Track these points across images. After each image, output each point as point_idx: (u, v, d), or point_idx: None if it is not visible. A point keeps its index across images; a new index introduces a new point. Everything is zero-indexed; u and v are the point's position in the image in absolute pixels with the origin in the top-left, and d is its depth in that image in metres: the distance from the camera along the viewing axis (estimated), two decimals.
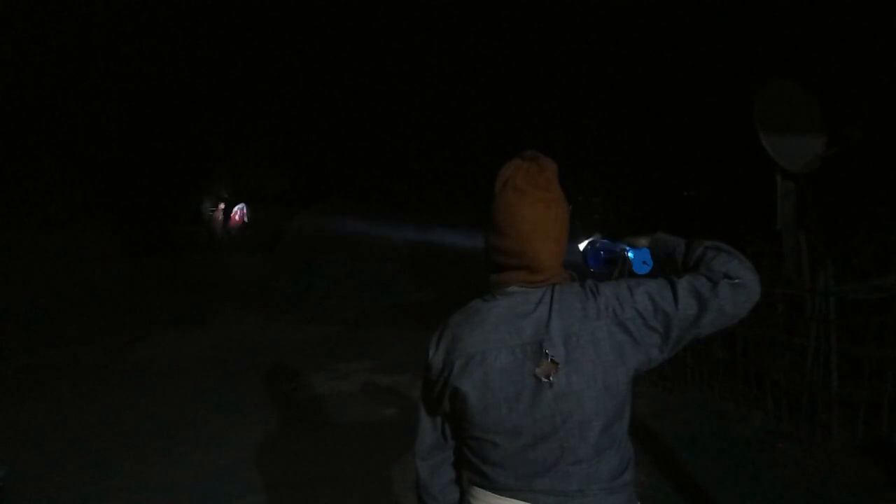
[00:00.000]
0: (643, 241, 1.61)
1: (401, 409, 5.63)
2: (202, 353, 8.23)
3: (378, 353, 7.79)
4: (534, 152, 1.43)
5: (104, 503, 4.04)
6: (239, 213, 20.45)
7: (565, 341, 1.29)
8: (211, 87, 15.62)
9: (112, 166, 14.79)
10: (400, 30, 13.70)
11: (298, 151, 17.76)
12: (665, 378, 5.48)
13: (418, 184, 15.62)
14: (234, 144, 17.15)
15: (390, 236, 14.75)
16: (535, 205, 1.35)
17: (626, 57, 8.48)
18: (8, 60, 11.83)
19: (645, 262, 1.59)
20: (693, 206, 8.15)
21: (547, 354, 1.29)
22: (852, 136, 4.93)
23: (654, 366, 1.34)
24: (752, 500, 3.71)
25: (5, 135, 12.14)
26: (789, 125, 5.08)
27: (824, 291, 4.35)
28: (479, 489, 1.41)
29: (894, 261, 4.95)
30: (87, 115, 13.72)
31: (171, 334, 9.44)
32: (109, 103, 14.15)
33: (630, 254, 1.61)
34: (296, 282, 14.12)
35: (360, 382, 6.57)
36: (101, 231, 13.66)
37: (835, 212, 5.65)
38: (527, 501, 1.33)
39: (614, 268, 1.76)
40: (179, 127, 15.58)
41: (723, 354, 5.11)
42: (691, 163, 7.88)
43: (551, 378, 1.28)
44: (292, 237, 15.87)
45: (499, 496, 1.36)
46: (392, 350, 7.97)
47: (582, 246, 1.76)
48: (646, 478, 3.99)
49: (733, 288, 1.27)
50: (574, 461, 1.30)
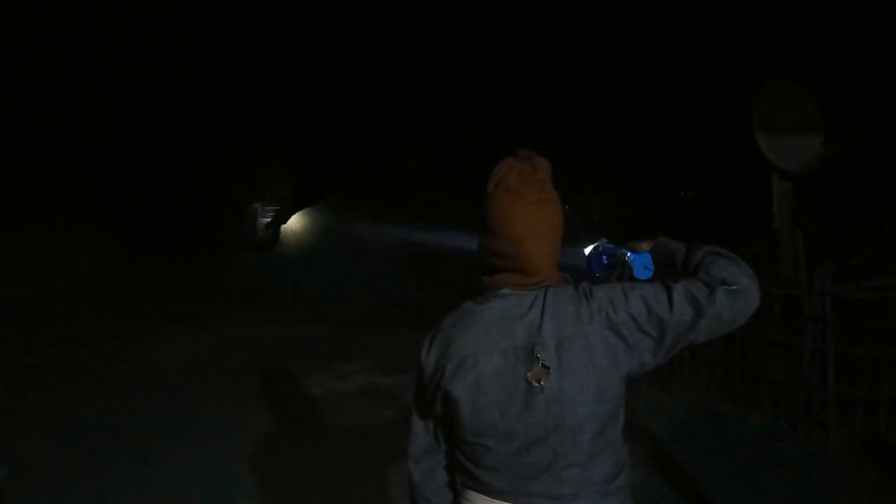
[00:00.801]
0: (645, 245, 1.59)
1: (399, 410, 5.63)
2: (202, 354, 8.24)
3: (377, 354, 7.79)
4: (527, 152, 1.41)
5: (104, 502, 4.04)
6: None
7: (557, 345, 1.27)
8: (213, 86, 15.60)
9: (114, 166, 14.77)
10: (398, 30, 13.70)
11: (298, 151, 17.75)
12: (663, 378, 5.48)
13: (417, 184, 15.62)
14: (238, 145, 17.12)
15: (389, 237, 14.75)
16: (528, 206, 1.33)
17: (624, 57, 8.48)
18: (8, 59, 11.82)
19: (646, 267, 1.58)
20: (691, 206, 8.16)
21: (538, 359, 1.27)
22: (852, 136, 4.93)
23: (647, 370, 1.33)
24: (749, 501, 3.72)
25: (6, 135, 12.13)
26: (787, 125, 5.08)
27: (821, 292, 4.36)
28: (473, 493, 1.40)
29: (892, 261, 4.95)
30: (89, 115, 13.69)
31: (171, 334, 9.44)
32: (113, 102, 14.13)
33: (631, 258, 1.60)
34: (295, 282, 14.12)
35: (360, 383, 6.57)
36: (101, 231, 13.64)
37: (832, 212, 5.65)
38: None
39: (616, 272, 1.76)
40: (183, 127, 15.56)
41: (720, 355, 5.12)
42: (689, 163, 7.89)
43: (542, 383, 1.26)
44: (292, 237, 15.87)
45: (492, 500, 1.35)
46: (391, 350, 7.96)
47: (587, 250, 1.75)
48: (643, 478, 3.99)
49: (731, 294, 1.24)
50: (567, 465, 1.29)
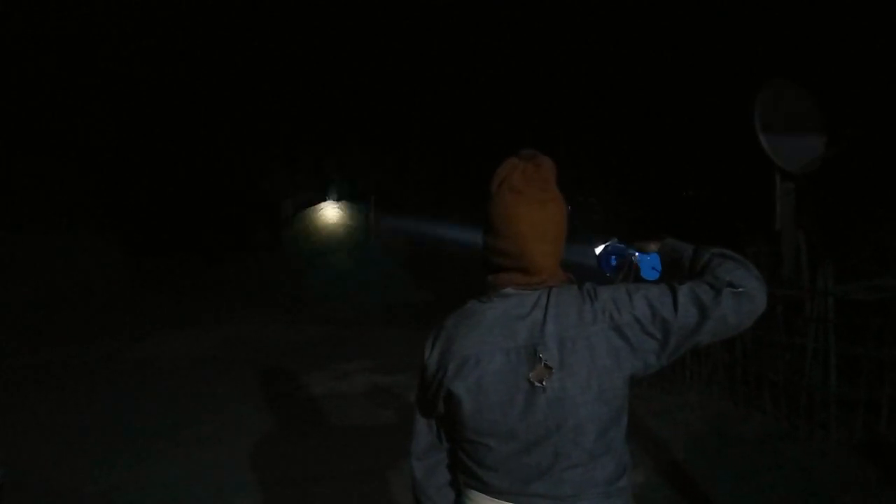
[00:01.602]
0: (653, 246, 1.58)
1: (400, 409, 5.63)
2: (203, 353, 8.24)
3: (378, 353, 7.79)
4: (531, 151, 1.40)
5: (104, 502, 4.04)
6: None
7: (560, 345, 1.26)
8: (214, 87, 15.59)
9: (115, 166, 14.77)
10: (399, 30, 13.70)
11: (299, 151, 17.74)
12: (664, 379, 5.48)
13: (418, 183, 15.63)
14: (241, 144, 17.07)
15: (391, 236, 14.76)
16: (531, 205, 1.32)
17: (626, 57, 8.48)
18: (8, 59, 11.82)
19: (654, 268, 1.57)
20: (692, 206, 8.15)
21: (541, 359, 1.26)
22: (853, 136, 4.92)
23: (651, 372, 1.32)
24: (751, 501, 3.71)
25: (6, 135, 12.13)
26: (789, 126, 5.08)
27: (823, 292, 4.36)
28: (475, 492, 1.39)
29: (892, 261, 4.95)
30: (90, 115, 13.69)
31: (172, 334, 9.44)
32: (114, 102, 14.11)
33: (639, 259, 1.59)
34: (296, 282, 14.12)
35: (360, 382, 6.57)
36: (102, 231, 13.64)
37: (834, 212, 5.65)
38: None
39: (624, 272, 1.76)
40: (185, 126, 15.52)
41: (722, 355, 5.12)
42: (691, 163, 7.88)
43: (544, 383, 1.26)
44: (293, 238, 15.86)
45: (494, 499, 1.35)
46: (392, 350, 7.97)
47: (598, 250, 1.75)
48: (644, 479, 3.98)
49: (737, 297, 1.23)
50: (568, 466, 1.28)
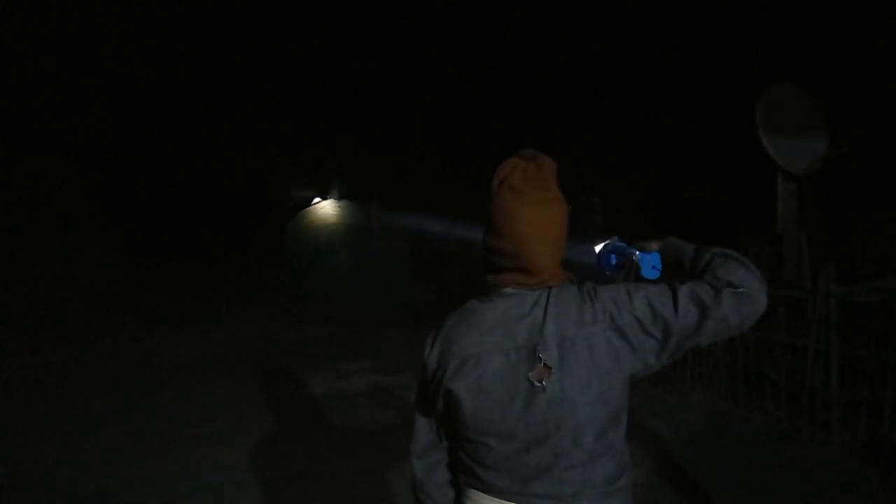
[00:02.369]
0: (654, 245, 1.58)
1: (401, 409, 5.63)
2: (203, 353, 8.24)
3: (378, 353, 7.79)
4: (532, 150, 1.39)
5: (105, 502, 4.04)
6: None
7: (559, 345, 1.26)
8: (214, 88, 15.58)
9: (116, 165, 14.77)
10: (401, 29, 13.69)
11: (299, 150, 17.72)
12: (665, 379, 5.47)
13: (419, 182, 15.62)
14: (241, 144, 17.06)
15: (391, 235, 14.74)
16: (532, 205, 1.32)
17: (627, 57, 8.47)
18: (8, 59, 11.83)
19: (654, 267, 1.56)
20: (694, 206, 8.14)
21: (540, 358, 1.26)
22: (855, 137, 4.91)
23: (651, 372, 1.32)
24: (752, 502, 3.70)
25: (6, 135, 12.14)
26: (791, 127, 5.07)
27: (825, 293, 4.35)
28: (475, 491, 1.40)
29: (895, 262, 4.94)
30: (91, 114, 13.69)
31: (173, 334, 9.43)
32: (114, 101, 14.10)
33: (640, 257, 1.58)
34: (297, 282, 14.10)
35: (361, 382, 6.57)
36: (102, 231, 13.63)
37: (837, 213, 5.63)
38: None
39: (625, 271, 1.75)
40: (185, 126, 15.51)
41: (723, 356, 5.11)
42: (693, 163, 7.87)
43: (544, 383, 1.26)
44: (293, 237, 15.84)
45: (494, 499, 1.35)
46: (393, 350, 7.95)
47: (598, 248, 1.74)
48: (645, 479, 3.98)
49: (737, 297, 1.23)
50: (567, 466, 1.28)
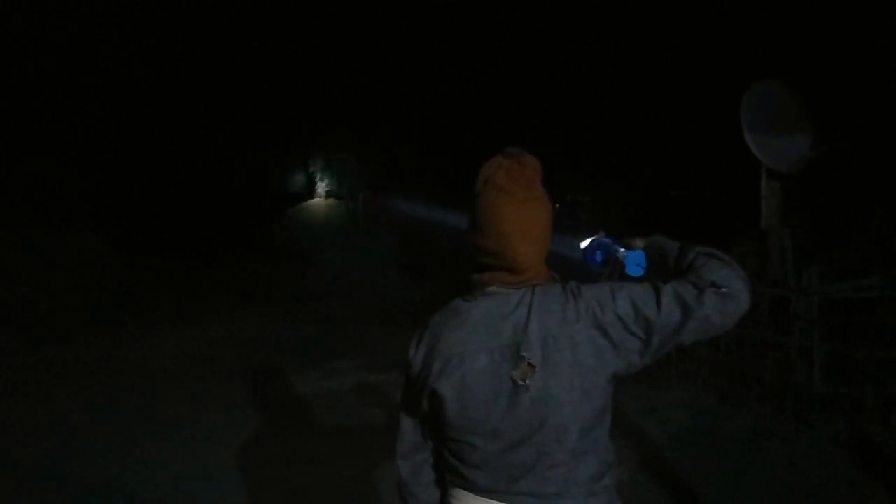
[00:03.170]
0: (640, 242, 1.58)
1: (389, 408, 5.60)
2: (196, 352, 8.17)
3: (368, 352, 7.77)
4: (516, 149, 1.39)
5: (99, 500, 4.03)
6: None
7: (543, 344, 1.26)
8: (211, 85, 15.52)
9: (113, 166, 14.72)
10: (391, 24, 13.67)
11: (292, 148, 17.68)
12: (651, 376, 5.50)
13: (412, 179, 15.60)
14: (239, 144, 17.00)
15: (382, 234, 14.72)
16: (516, 204, 1.32)
17: (613, 56, 8.49)
18: (8, 60, 11.73)
19: (639, 265, 1.56)
20: (680, 205, 8.17)
21: (524, 357, 1.26)
22: (839, 137, 4.95)
23: (633, 371, 1.32)
24: (737, 499, 3.73)
25: (5, 135, 12.05)
26: (776, 125, 5.10)
27: (809, 291, 4.39)
28: (460, 490, 1.40)
29: (878, 260, 4.99)
30: (88, 115, 13.60)
31: (168, 333, 9.35)
32: (111, 103, 14.02)
33: (624, 255, 1.58)
34: (289, 279, 14.06)
35: (351, 381, 6.54)
36: (99, 230, 13.57)
37: (822, 212, 5.68)
38: (506, 503, 1.32)
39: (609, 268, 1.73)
40: (180, 127, 15.44)
41: (708, 353, 5.14)
42: (678, 162, 7.90)
43: (528, 381, 1.25)
44: (284, 236, 15.79)
45: (479, 498, 1.35)
46: (382, 349, 7.92)
47: (583, 245, 1.74)
48: (631, 476, 4.00)
49: (720, 297, 1.23)
50: (551, 465, 1.28)
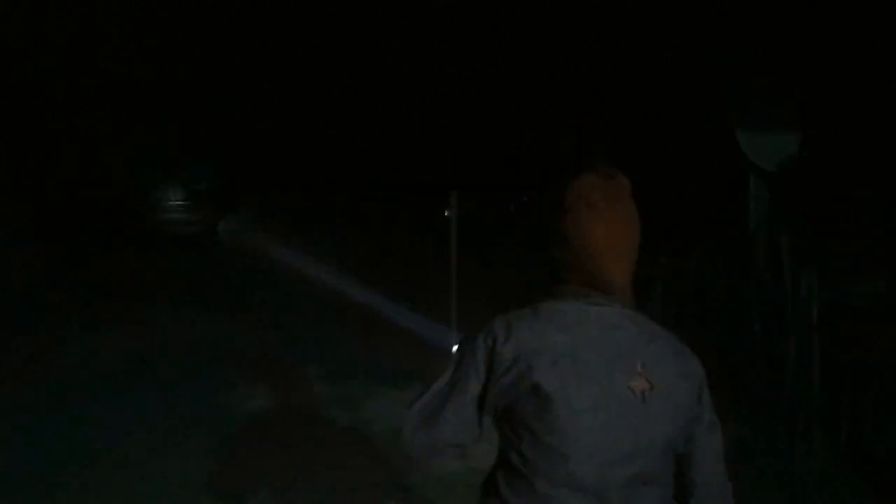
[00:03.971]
0: None
1: (354, 421, 5.20)
2: (126, 359, 7.44)
3: (324, 359, 7.28)
4: (608, 167, 1.41)
5: None
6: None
7: (655, 365, 1.28)
8: (106, 77, 14.82)
9: (24, 158, 13.89)
10: (347, 33, 13.31)
11: (232, 145, 17.12)
12: None
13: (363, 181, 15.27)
14: (162, 138, 16.36)
15: (334, 231, 14.28)
16: (609, 223, 1.34)
17: (597, 52, 8.33)
18: None
19: None
20: (665, 205, 8.05)
21: (640, 372, 1.27)
22: (829, 134, 4.84)
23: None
24: None
25: None
26: (764, 124, 4.97)
27: (807, 298, 4.19)
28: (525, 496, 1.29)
29: (873, 264, 4.89)
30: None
31: (91, 337, 8.58)
32: (24, 93, 13.23)
33: None
34: (231, 279, 13.46)
35: (306, 392, 6.08)
36: (12, 223, 12.68)
37: (811, 213, 5.58)
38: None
39: None
40: (96, 117, 14.72)
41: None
42: (664, 162, 7.79)
43: (645, 394, 1.26)
44: (227, 232, 15.12)
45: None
46: (338, 355, 7.48)
47: None
48: None
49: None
50: (644, 483, 1.27)
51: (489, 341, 1.35)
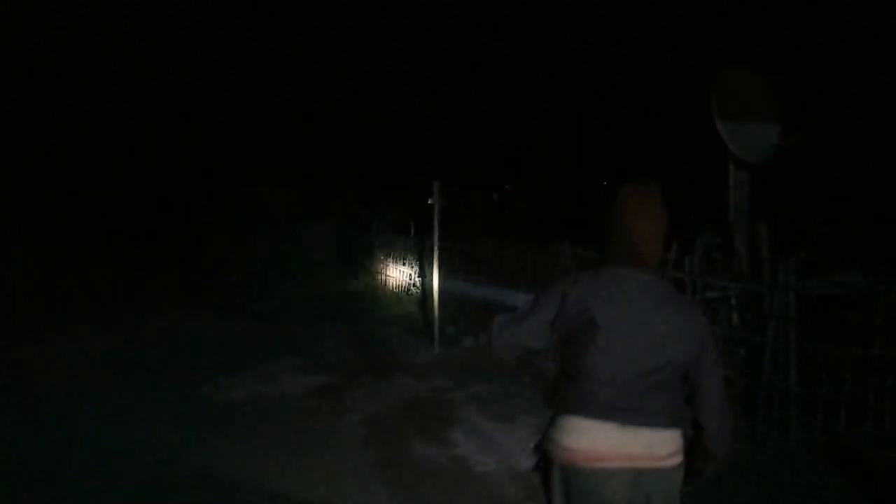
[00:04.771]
0: None
1: (334, 413, 5.17)
2: (109, 353, 7.35)
3: (306, 351, 7.25)
4: (644, 178, 1.96)
5: None
6: None
7: (673, 314, 1.86)
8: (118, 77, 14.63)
9: (17, 157, 13.69)
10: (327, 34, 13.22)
11: (218, 130, 16.89)
12: None
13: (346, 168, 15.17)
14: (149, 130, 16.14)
15: (316, 223, 14.17)
16: (647, 219, 1.90)
17: (577, 42, 8.29)
18: None
19: None
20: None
21: (662, 319, 1.84)
22: (809, 125, 4.85)
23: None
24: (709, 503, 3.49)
25: None
26: (745, 114, 4.95)
27: (785, 287, 4.21)
28: (573, 417, 1.86)
29: (853, 255, 4.92)
30: None
31: (75, 332, 8.43)
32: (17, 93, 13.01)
33: None
34: (215, 271, 13.34)
35: (288, 384, 6.04)
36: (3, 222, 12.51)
37: (791, 204, 5.61)
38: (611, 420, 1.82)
39: None
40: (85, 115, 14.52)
41: None
42: (643, 152, 7.79)
43: (664, 334, 1.82)
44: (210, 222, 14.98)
45: (595, 421, 1.83)
46: (320, 346, 7.48)
47: None
48: None
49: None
50: (660, 393, 1.85)
51: (564, 285, 1.93)
